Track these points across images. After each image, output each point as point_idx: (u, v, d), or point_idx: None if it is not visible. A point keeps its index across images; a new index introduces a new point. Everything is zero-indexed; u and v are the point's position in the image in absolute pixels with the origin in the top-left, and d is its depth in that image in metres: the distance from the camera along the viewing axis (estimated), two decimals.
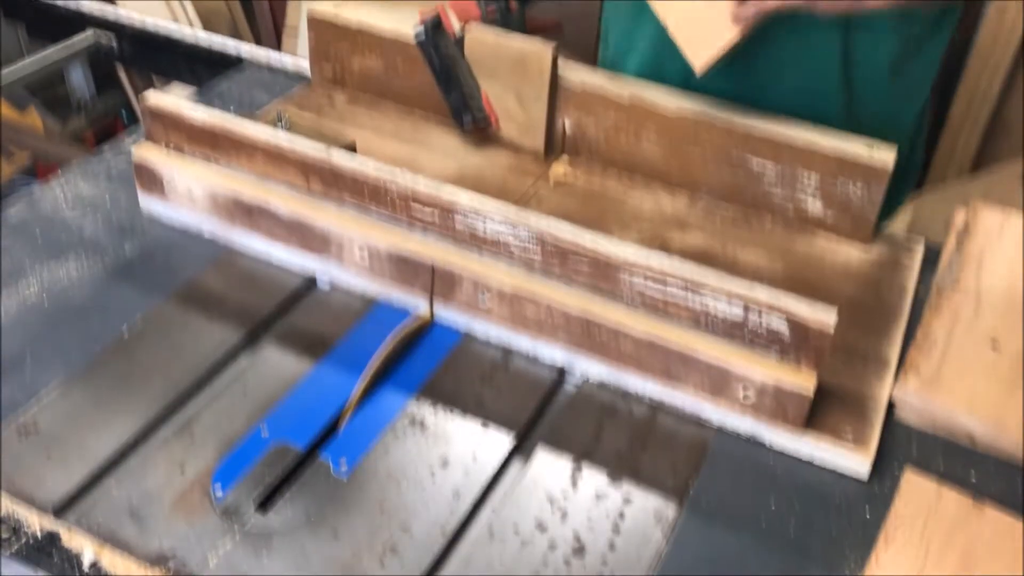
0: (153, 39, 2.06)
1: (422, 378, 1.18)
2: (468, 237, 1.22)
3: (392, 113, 1.66)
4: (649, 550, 1.01)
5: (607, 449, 1.12)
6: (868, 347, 1.25)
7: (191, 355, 1.19)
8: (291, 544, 0.99)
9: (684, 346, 1.12)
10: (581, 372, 1.20)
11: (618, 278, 1.15)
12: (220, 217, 1.35)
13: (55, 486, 1.02)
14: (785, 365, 1.10)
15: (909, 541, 1.01)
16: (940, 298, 1.30)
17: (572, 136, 1.56)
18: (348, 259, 1.28)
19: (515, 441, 1.11)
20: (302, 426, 1.10)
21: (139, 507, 1.01)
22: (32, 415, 1.10)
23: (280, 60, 1.87)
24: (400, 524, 1.01)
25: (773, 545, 1.03)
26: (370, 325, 1.25)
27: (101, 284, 1.29)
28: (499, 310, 1.21)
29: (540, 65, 1.48)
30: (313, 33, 1.67)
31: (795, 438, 1.12)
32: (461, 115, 1.53)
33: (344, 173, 1.26)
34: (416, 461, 1.08)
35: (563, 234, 1.16)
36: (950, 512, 1.05)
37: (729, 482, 1.09)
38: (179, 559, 0.97)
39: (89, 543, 0.98)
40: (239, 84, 1.77)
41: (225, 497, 1.03)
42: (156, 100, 1.35)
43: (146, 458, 1.07)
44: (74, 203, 1.43)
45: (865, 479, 1.10)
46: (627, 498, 1.06)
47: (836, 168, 1.38)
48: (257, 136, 1.29)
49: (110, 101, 3.37)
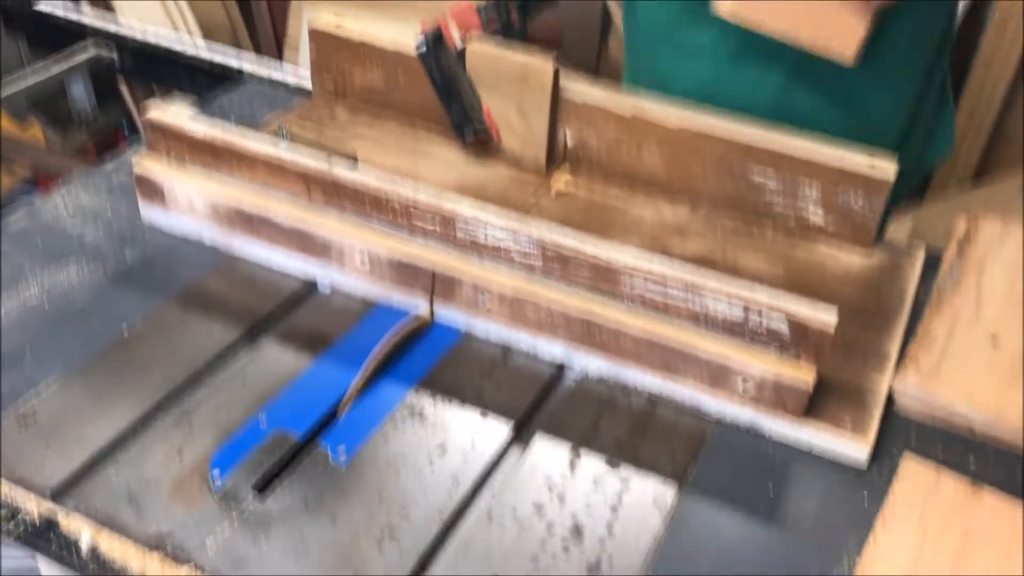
0: (154, 51, 2.08)
1: (422, 371, 1.19)
2: (469, 244, 1.23)
3: (393, 126, 1.67)
4: (647, 534, 1.01)
5: (606, 438, 1.12)
6: (868, 342, 1.25)
7: (191, 352, 1.19)
8: (289, 529, 0.99)
9: (684, 343, 1.13)
10: (580, 366, 1.21)
11: (619, 282, 1.15)
12: (221, 226, 1.36)
13: (53, 472, 1.02)
14: (785, 358, 1.10)
15: (907, 524, 1.01)
16: (941, 298, 1.30)
17: (573, 148, 1.57)
18: (349, 265, 1.29)
19: (514, 429, 1.12)
20: (301, 415, 1.11)
21: (137, 492, 1.01)
22: (32, 406, 1.10)
23: (281, 72, 1.89)
24: (398, 509, 1.01)
25: (771, 530, 1.02)
26: (370, 324, 1.26)
27: (101, 288, 1.30)
28: (499, 311, 1.22)
29: (541, 77, 1.50)
30: (314, 45, 1.69)
31: (794, 427, 1.12)
32: (462, 128, 1.55)
33: (345, 184, 1.27)
34: (415, 449, 1.08)
35: (564, 240, 1.17)
36: (948, 496, 1.04)
37: (728, 468, 1.09)
38: (177, 543, 0.97)
39: (87, 527, 0.98)
40: (240, 96, 1.79)
41: (223, 483, 1.03)
42: (157, 112, 1.36)
43: (144, 445, 1.07)
44: (75, 213, 1.44)
45: (864, 467, 1.10)
46: (626, 483, 1.06)
47: (837, 178, 1.39)
48: (258, 148, 1.31)
49: (111, 114, 3.39)
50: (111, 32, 2.14)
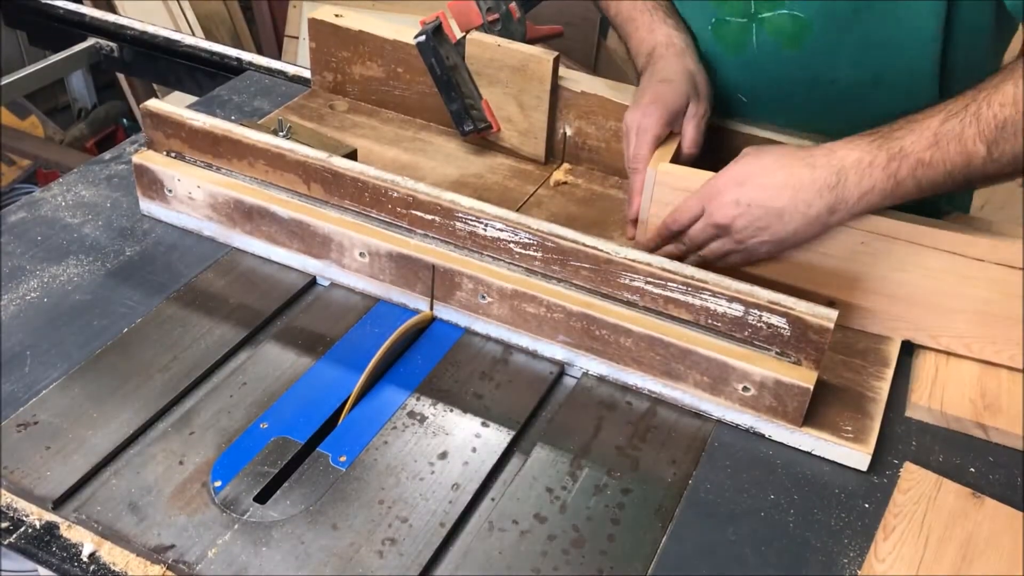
0: (154, 47, 2.08)
1: (422, 374, 1.18)
2: (469, 240, 1.22)
3: (393, 120, 1.67)
4: (648, 542, 1.01)
5: (607, 442, 1.12)
6: (868, 344, 1.25)
7: (191, 351, 1.19)
8: (290, 536, 0.99)
9: (684, 343, 1.13)
10: (581, 367, 1.20)
11: (619, 279, 1.15)
12: (221, 221, 1.36)
13: (54, 478, 1.02)
14: (785, 362, 1.10)
15: (908, 532, 1.01)
16: None
17: (573, 143, 1.57)
18: (349, 260, 1.28)
19: (514, 435, 1.12)
20: (301, 420, 1.11)
21: (138, 499, 1.01)
22: (31, 409, 1.10)
23: (281, 68, 1.89)
24: (399, 515, 1.01)
25: (772, 536, 1.02)
26: (370, 323, 1.25)
27: (101, 284, 1.30)
28: (499, 309, 1.22)
29: (541, 72, 1.49)
30: (314, 40, 1.68)
31: (795, 432, 1.12)
32: (462, 122, 1.54)
33: (345, 179, 1.26)
34: (415, 454, 1.08)
35: (564, 236, 1.17)
36: (949, 503, 1.05)
37: (728, 474, 1.09)
38: (178, 550, 0.96)
39: (88, 535, 0.97)
40: (240, 92, 1.78)
41: (224, 489, 1.03)
42: (157, 107, 1.36)
43: (145, 451, 1.07)
44: (75, 207, 1.44)
45: (864, 471, 1.10)
46: (626, 490, 1.06)
47: None
48: (257, 140, 1.30)
49: (111, 109, 3.39)
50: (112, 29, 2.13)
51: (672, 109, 1.31)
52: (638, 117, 1.31)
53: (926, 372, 1.22)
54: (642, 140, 1.30)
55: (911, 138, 1.10)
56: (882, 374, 1.20)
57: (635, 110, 1.32)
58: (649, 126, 1.30)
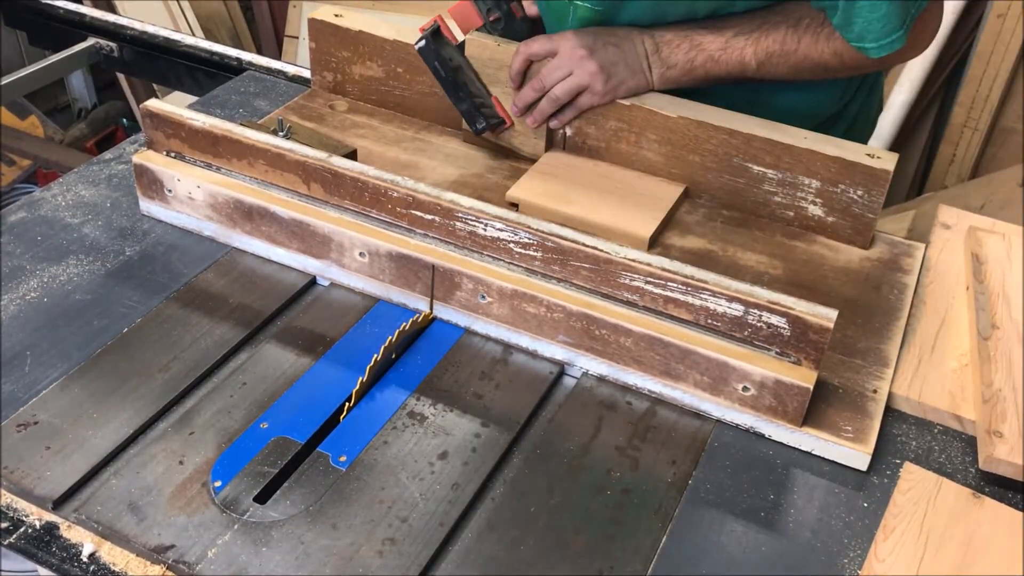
0: (154, 47, 2.08)
1: (422, 374, 1.18)
2: (469, 240, 1.22)
3: (393, 120, 1.67)
4: (648, 542, 1.01)
5: (607, 442, 1.12)
6: (868, 344, 1.25)
7: (191, 351, 1.19)
8: (290, 536, 0.99)
9: (683, 343, 1.13)
10: (581, 368, 1.20)
11: (618, 279, 1.15)
12: (221, 221, 1.36)
13: (54, 478, 1.02)
14: (785, 362, 1.10)
15: (908, 532, 1.01)
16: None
17: (573, 143, 1.56)
18: (349, 260, 1.28)
19: (514, 435, 1.11)
20: (301, 420, 1.11)
21: (138, 499, 1.01)
22: (31, 409, 1.10)
23: (281, 68, 1.89)
24: (399, 515, 1.01)
25: (772, 537, 1.02)
26: (370, 323, 1.25)
27: (101, 284, 1.30)
28: (499, 309, 1.22)
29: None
30: (314, 40, 1.68)
31: (795, 432, 1.12)
32: (474, 120, 1.53)
33: (345, 179, 1.26)
34: (415, 454, 1.08)
35: (563, 235, 1.16)
36: (949, 503, 1.05)
37: (728, 474, 1.09)
38: (178, 551, 0.97)
39: (88, 535, 0.98)
40: (240, 92, 1.78)
41: (224, 489, 1.03)
42: (157, 107, 1.35)
43: (145, 451, 1.07)
44: (75, 207, 1.44)
45: (864, 471, 1.10)
46: (626, 490, 1.06)
47: (836, 174, 1.39)
48: (258, 143, 1.30)
49: (111, 109, 3.39)
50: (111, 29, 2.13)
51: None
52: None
53: (909, 363, 1.23)
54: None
55: (709, 37, 1.44)
56: (882, 374, 1.20)
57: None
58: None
